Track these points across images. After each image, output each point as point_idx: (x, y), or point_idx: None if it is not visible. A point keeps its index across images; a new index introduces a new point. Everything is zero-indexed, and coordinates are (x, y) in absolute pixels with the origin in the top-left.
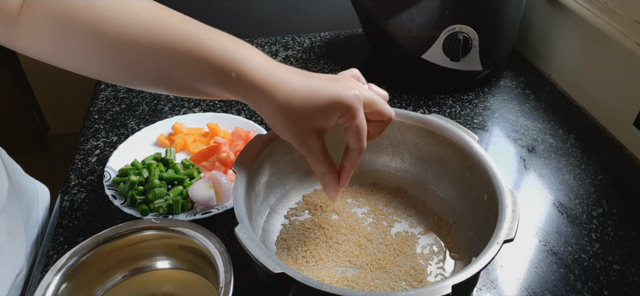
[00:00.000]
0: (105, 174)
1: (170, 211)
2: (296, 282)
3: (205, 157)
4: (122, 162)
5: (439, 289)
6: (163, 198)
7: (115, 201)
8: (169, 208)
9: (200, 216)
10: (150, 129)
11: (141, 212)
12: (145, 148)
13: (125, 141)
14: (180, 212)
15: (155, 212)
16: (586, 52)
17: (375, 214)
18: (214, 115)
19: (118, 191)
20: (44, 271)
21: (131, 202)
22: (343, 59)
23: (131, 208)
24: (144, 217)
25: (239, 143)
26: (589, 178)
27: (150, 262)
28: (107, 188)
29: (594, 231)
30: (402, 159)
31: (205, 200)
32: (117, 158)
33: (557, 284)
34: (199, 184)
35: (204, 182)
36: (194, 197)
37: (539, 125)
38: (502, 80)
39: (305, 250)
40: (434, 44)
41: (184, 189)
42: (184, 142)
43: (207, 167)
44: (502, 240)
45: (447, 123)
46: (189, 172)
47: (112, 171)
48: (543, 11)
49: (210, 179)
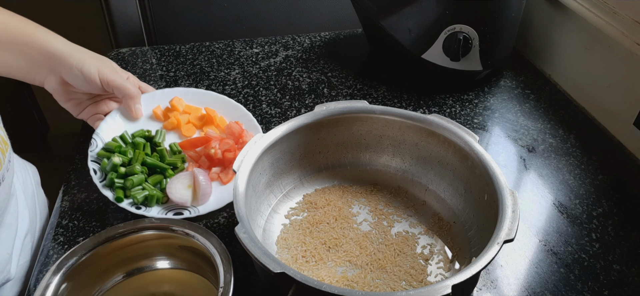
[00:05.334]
0: (92, 142)
1: (145, 203)
2: (296, 282)
3: (193, 146)
4: (114, 131)
5: (439, 289)
6: (141, 187)
7: (94, 176)
8: (144, 200)
9: (170, 215)
10: (148, 97)
11: (116, 198)
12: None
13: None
14: (154, 205)
15: (130, 199)
16: (586, 52)
17: (376, 214)
18: (216, 96)
19: (100, 166)
20: (43, 271)
21: (110, 183)
22: (343, 58)
23: (108, 190)
24: (118, 202)
25: (229, 141)
26: (589, 178)
27: (150, 262)
28: (91, 160)
29: (594, 231)
30: (402, 159)
31: (181, 200)
32: (110, 126)
33: (557, 284)
34: (178, 179)
35: (184, 178)
36: (171, 195)
37: (539, 125)
38: (502, 80)
39: (305, 250)
40: (434, 44)
41: (164, 180)
42: (177, 122)
43: (193, 156)
44: (502, 240)
45: (448, 123)
46: (173, 161)
47: (100, 140)
48: (543, 11)
49: (190, 174)
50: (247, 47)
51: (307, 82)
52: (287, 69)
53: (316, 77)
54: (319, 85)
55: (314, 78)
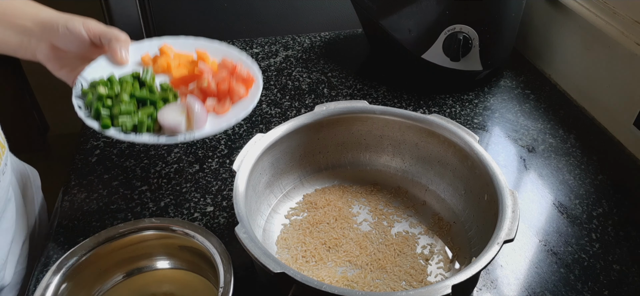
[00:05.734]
0: (77, 84)
1: (135, 130)
2: (296, 282)
3: (185, 83)
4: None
5: (439, 289)
6: (129, 115)
7: (80, 111)
8: (134, 127)
9: (164, 140)
10: (136, 46)
11: (102, 125)
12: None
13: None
14: (144, 131)
15: (117, 128)
16: (586, 52)
17: (376, 214)
18: (207, 42)
19: (85, 102)
20: (43, 271)
21: (95, 114)
22: (343, 58)
23: (93, 121)
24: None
25: (223, 74)
26: (589, 178)
27: (150, 262)
28: (75, 98)
29: (594, 231)
30: (402, 159)
31: (173, 125)
32: (95, 70)
33: (557, 284)
34: (170, 107)
35: (176, 106)
36: (162, 120)
37: (539, 125)
38: (502, 80)
39: (305, 250)
40: (434, 44)
41: (155, 110)
42: (167, 65)
43: (185, 93)
44: (502, 240)
45: (447, 123)
46: (164, 95)
47: (84, 81)
48: (543, 11)
49: (184, 105)
50: (247, 47)
51: (307, 82)
52: (287, 69)
53: (316, 77)
54: (319, 85)
55: (314, 79)
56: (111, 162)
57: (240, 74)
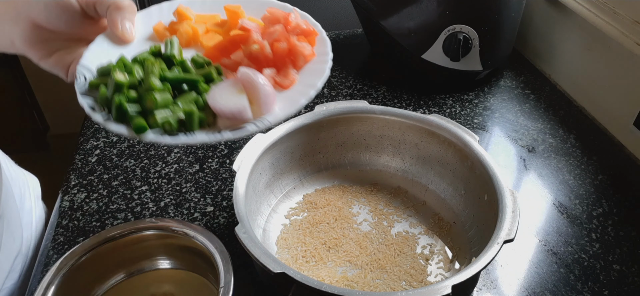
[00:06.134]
0: (78, 76)
1: (184, 128)
2: (296, 282)
3: (225, 52)
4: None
5: (439, 289)
6: (168, 109)
7: (94, 114)
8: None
9: (229, 135)
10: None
11: (136, 129)
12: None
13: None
14: (196, 128)
15: (157, 129)
16: (586, 52)
17: (376, 214)
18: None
19: (97, 99)
20: (44, 272)
21: (118, 114)
22: (343, 59)
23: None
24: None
25: (276, 29)
26: (589, 178)
27: (150, 262)
28: (82, 96)
29: (594, 231)
30: (402, 159)
31: (236, 110)
32: (96, 55)
33: (557, 284)
34: (222, 87)
35: (227, 86)
36: (218, 107)
37: (539, 125)
38: (502, 80)
39: (305, 250)
40: (434, 44)
41: (199, 96)
42: (193, 32)
43: (229, 65)
44: (502, 240)
45: (447, 123)
46: (205, 72)
47: (87, 71)
48: (543, 11)
49: (237, 82)
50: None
51: None
52: None
53: None
54: None
55: None
56: (111, 162)
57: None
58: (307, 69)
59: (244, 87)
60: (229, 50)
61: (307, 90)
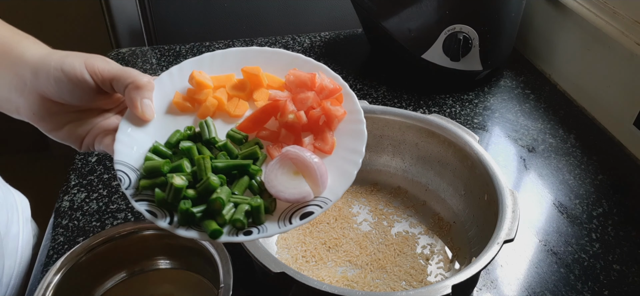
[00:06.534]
0: (121, 177)
1: (255, 221)
2: (296, 282)
3: (259, 124)
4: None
5: (439, 289)
6: (232, 205)
7: (157, 220)
8: (250, 216)
9: (300, 223)
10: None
11: (211, 234)
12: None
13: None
14: (263, 220)
15: (228, 227)
16: (586, 52)
17: (376, 214)
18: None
19: (155, 201)
20: (44, 272)
21: (185, 219)
22: (343, 59)
23: (188, 230)
24: (214, 238)
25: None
26: (589, 178)
27: (150, 262)
28: (136, 202)
29: (594, 231)
30: (402, 159)
31: (300, 196)
32: (128, 146)
33: (557, 284)
34: (274, 171)
35: (280, 167)
36: (282, 196)
37: (539, 125)
38: (502, 80)
39: (305, 250)
40: (434, 44)
41: (252, 181)
42: (219, 103)
43: (267, 136)
44: (502, 240)
45: (447, 123)
46: (250, 151)
47: (129, 169)
48: (543, 11)
49: (286, 161)
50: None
51: None
52: None
53: None
54: None
55: None
56: (111, 161)
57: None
58: (342, 129)
59: (296, 166)
60: (262, 121)
61: (354, 158)
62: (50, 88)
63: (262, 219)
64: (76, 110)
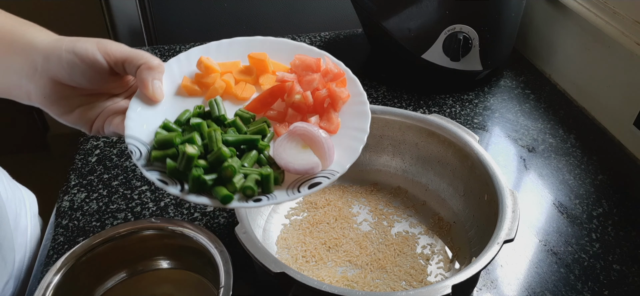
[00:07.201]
0: (132, 150)
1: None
2: (296, 282)
3: (266, 104)
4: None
5: (439, 289)
6: (242, 174)
7: (168, 188)
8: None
9: (308, 192)
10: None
11: (222, 199)
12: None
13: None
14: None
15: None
16: (586, 52)
17: (376, 214)
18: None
19: (167, 172)
20: (44, 272)
21: (196, 186)
22: (343, 58)
23: (199, 196)
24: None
25: (314, 78)
26: (589, 178)
27: (150, 262)
28: (147, 170)
29: (594, 231)
30: (402, 159)
31: (309, 167)
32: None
33: (557, 284)
34: (283, 144)
35: (288, 142)
36: (291, 167)
37: (539, 125)
38: (502, 80)
39: (305, 250)
40: (434, 44)
41: (260, 155)
42: (227, 86)
43: (275, 117)
44: (502, 240)
45: (448, 123)
46: (259, 128)
47: (140, 143)
48: (543, 11)
49: (294, 136)
50: None
51: None
52: None
53: None
54: None
55: None
56: (111, 162)
57: (331, 71)
58: (346, 111)
59: (304, 140)
60: (269, 102)
61: (359, 135)
62: (62, 71)
63: (271, 188)
64: (87, 94)
